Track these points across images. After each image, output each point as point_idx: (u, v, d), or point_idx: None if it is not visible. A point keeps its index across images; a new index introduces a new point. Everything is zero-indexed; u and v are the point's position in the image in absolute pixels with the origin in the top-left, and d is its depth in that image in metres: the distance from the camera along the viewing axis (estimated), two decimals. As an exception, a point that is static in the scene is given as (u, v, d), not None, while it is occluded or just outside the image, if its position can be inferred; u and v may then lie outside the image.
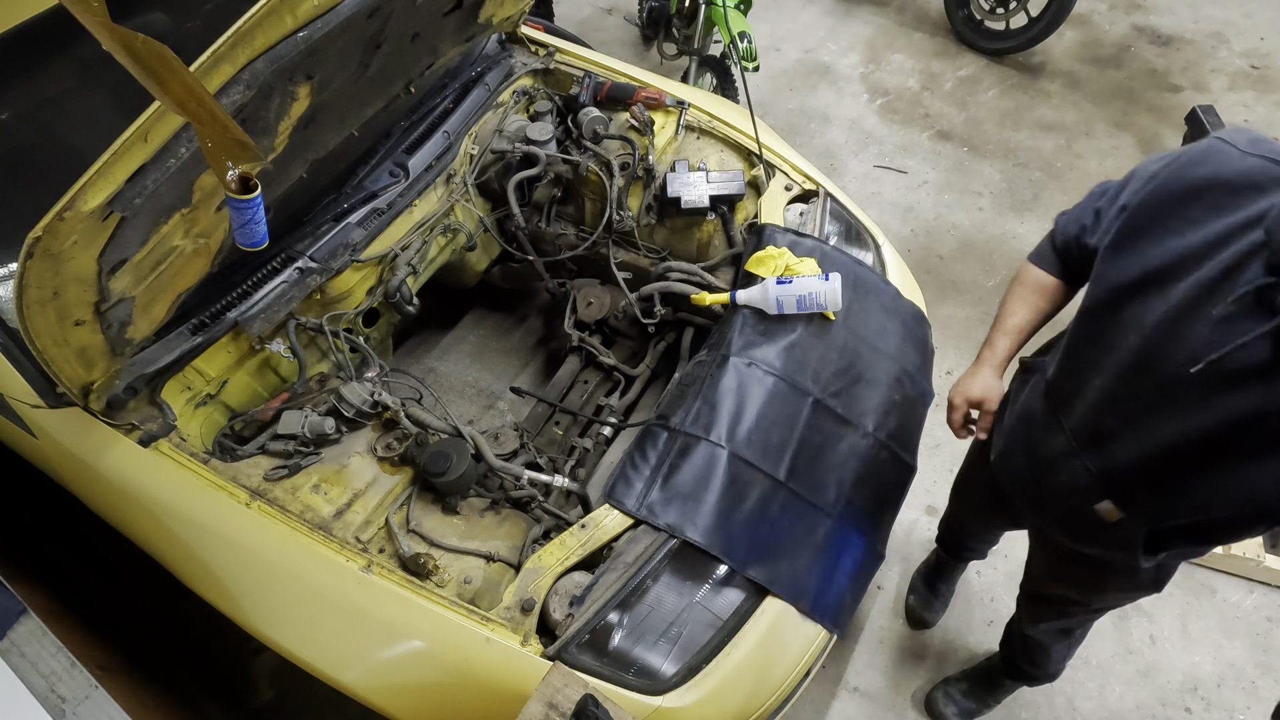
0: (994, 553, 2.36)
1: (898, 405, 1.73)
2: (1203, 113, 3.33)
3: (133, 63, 0.77)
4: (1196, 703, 2.10)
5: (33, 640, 1.38)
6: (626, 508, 1.48)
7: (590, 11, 4.47)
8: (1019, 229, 3.26)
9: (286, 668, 1.46)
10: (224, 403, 1.70)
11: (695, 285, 2.01)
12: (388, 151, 1.98)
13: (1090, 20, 4.24)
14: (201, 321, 1.61)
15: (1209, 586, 2.31)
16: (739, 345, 1.69)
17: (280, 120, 1.37)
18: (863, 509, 1.59)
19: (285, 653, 1.43)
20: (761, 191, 2.06)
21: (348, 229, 1.82)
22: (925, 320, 1.94)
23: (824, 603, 1.46)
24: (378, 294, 1.91)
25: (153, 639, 2.11)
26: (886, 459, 1.67)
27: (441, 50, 1.88)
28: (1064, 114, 3.74)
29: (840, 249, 1.93)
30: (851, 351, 1.75)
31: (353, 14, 1.32)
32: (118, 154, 1.05)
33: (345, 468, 1.56)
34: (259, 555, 1.42)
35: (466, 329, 2.55)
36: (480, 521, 1.59)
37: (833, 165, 3.56)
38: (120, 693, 1.41)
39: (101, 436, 1.48)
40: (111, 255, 1.19)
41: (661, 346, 2.16)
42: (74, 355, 1.29)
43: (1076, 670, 2.15)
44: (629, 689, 1.31)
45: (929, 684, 2.13)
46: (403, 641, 1.37)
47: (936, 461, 2.56)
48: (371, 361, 1.76)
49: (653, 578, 1.41)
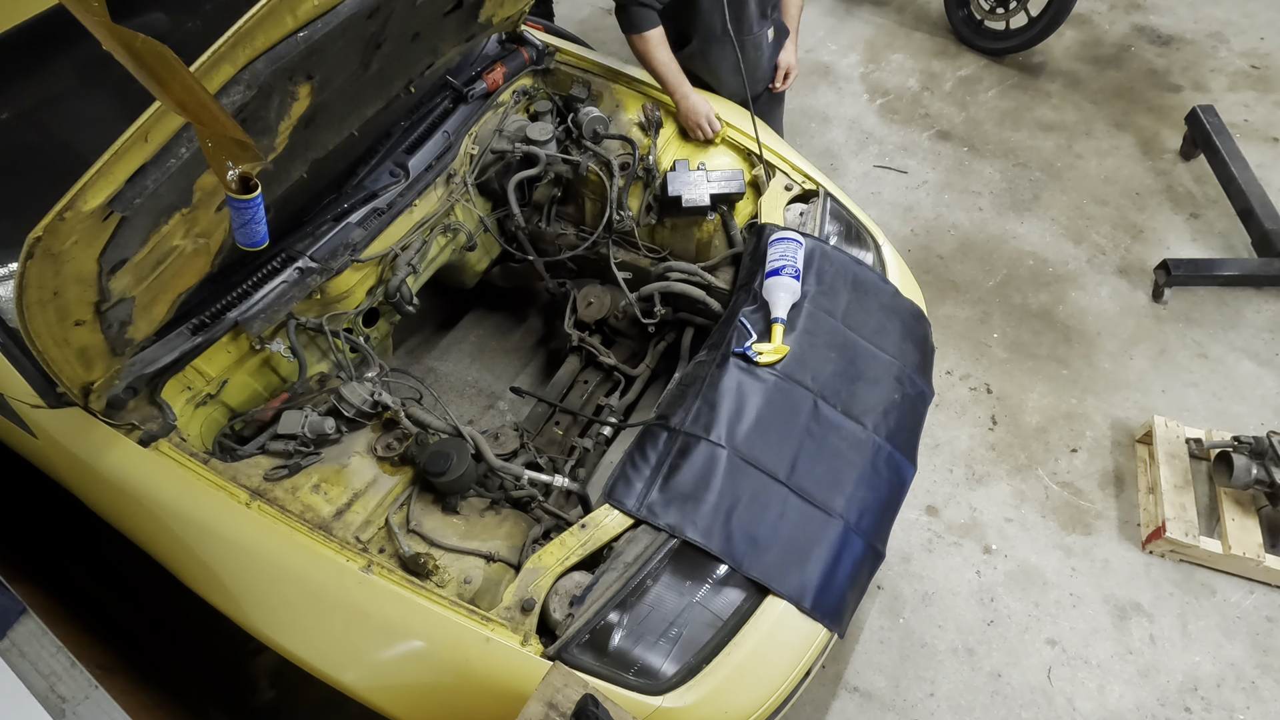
0: (994, 552, 2.37)
1: (897, 404, 1.73)
2: (1203, 113, 3.34)
3: (133, 63, 0.77)
4: (1196, 703, 2.11)
5: (33, 640, 1.38)
6: (626, 508, 1.48)
7: (590, 11, 4.47)
8: (1019, 229, 3.26)
9: (286, 668, 1.46)
10: (224, 403, 1.70)
11: (696, 285, 2.01)
12: (388, 151, 1.98)
13: (1090, 20, 4.24)
14: (201, 321, 1.61)
15: (1209, 586, 2.31)
16: (738, 344, 1.69)
17: (280, 120, 1.37)
18: (863, 508, 1.59)
19: (285, 653, 1.43)
20: (761, 191, 2.06)
21: (348, 229, 1.82)
22: (925, 319, 1.94)
23: (825, 602, 1.46)
24: (378, 294, 1.91)
25: (153, 639, 2.11)
26: (886, 458, 1.67)
27: (441, 50, 1.88)
28: (1064, 114, 3.74)
29: (840, 249, 1.93)
30: (851, 351, 1.75)
31: (353, 14, 1.32)
32: (118, 154, 1.05)
33: (345, 468, 1.56)
34: (259, 555, 1.42)
35: (466, 329, 2.55)
36: (480, 521, 1.59)
37: (833, 165, 3.56)
38: (120, 693, 1.41)
39: (101, 436, 1.48)
40: (111, 255, 1.19)
41: (661, 346, 2.16)
42: (74, 355, 1.29)
43: (1076, 670, 2.15)
44: (629, 689, 1.31)
45: (929, 684, 2.13)
46: (403, 641, 1.37)
47: (936, 461, 2.56)
48: (371, 361, 1.76)
49: (653, 578, 1.41)
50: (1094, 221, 3.28)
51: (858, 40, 4.16)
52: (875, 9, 4.36)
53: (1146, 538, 2.37)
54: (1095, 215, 3.30)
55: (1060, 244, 3.21)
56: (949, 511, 2.46)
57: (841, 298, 1.83)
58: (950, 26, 4.13)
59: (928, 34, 4.20)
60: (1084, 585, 2.31)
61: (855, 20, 4.29)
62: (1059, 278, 3.09)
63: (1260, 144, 3.52)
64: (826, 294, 1.81)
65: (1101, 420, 2.67)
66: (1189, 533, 2.28)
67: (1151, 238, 3.21)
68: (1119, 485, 2.52)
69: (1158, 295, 2.98)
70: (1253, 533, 2.28)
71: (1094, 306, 2.99)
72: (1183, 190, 3.39)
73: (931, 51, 4.09)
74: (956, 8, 4.04)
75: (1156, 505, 2.38)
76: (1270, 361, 2.80)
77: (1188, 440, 2.49)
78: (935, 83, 3.92)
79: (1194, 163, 3.46)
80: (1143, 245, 3.18)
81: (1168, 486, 2.38)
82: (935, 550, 2.38)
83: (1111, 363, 2.82)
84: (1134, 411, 2.68)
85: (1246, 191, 3.06)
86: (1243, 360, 2.81)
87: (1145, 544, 2.37)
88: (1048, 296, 3.03)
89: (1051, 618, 2.25)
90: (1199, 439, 2.49)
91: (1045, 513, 2.46)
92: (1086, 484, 2.53)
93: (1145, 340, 2.88)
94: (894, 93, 3.88)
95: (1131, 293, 3.03)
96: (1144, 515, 2.43)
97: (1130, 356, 2.83)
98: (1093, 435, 2.63)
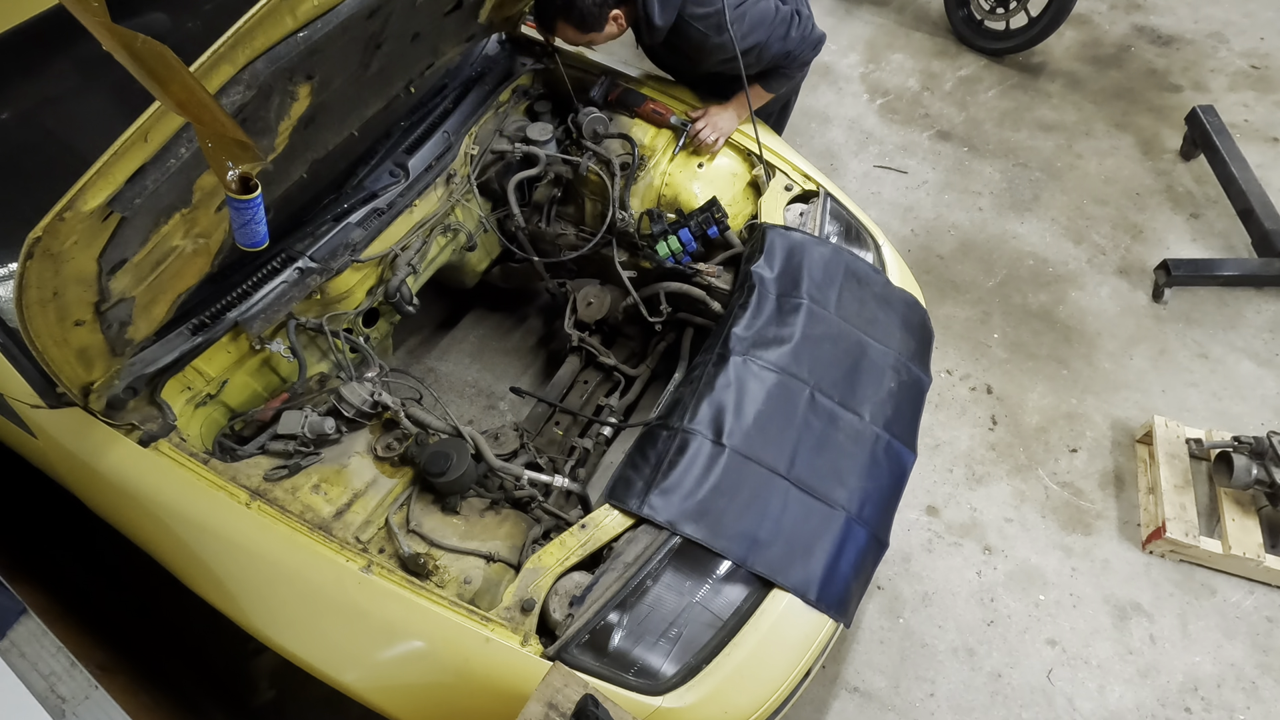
0: (994, 551, 2.37)
1: (894, 393, 1.74)
2: (1203, 113, 3.34)
3: (133, 63, 0.77)
4: (1196, 703, 2.11)
5: (33, 640, 1.38)
6: (626, 506, 1.48)
7: (590, 11, 4.46)
8: (1019, 229, 3.26)
9: (286, 668, 1.46)
10: (224, 403, 1.70)
11: (696, 285, 2.01)
12: (388, 151, 1.98)
13: (1090, 20, 4.24)
14: (201, 321, 1.61)
15: (1209, 586, 2.31)
16: (736, 342, 1.70)
17: (280, 120, 1.37)
18: (864, 498, 1.59)
19: (285, 653, 1.43)
20: (761, 191, 2.06)
21: (348, 229, 1.82)
22: (921, 306, 1.94)
23: (830, 593, 1.46)
24: (378, 294, 1.91)
25: (153, 639, 2.11)
26: (885, 447, 1.67)
27: (441, 50, 1.88)
28: (1064, 114, 3.74)
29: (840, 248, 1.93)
30: (846, 342, 1.75)
31: (353, 14, 1.32)
32: (118, 154, 1.05)
33: (345, 468, 1.56)
34: (259, 555, 1.42)
35: (466, 329, 2.55)
36: (480, 521, 1.59)
37: (833, 165, 3.56)
38: (120, 693, 1.41)
39: (101, 436, 1.48)
40: (111, 255, 1.19)
41: (661, 347, 2.16)
42: (74, 355, 1.29)
43: (1076, 670, 2.15)
44: (629, 689, 1.31)
45: (929, 684, 2.13)
46: (403, 641, 1.37)
47: (936, 461, 2.56)
48: (371, 361, 1.76)
49: (653, 578, 1.41)
50: (1094, 221, 3.28)
51: (858, 40, 4.16)
52: (875, 9, 4.36)
53: (1146, 538, 2.37)
54: (1095, 215, 3.30)
55: (1060, 244, 3.21)
56: (949, 512, 2.46)
57: (835, 290, 1.83)
58: (950, 26, 4.13)
59: (928, 34, 4.20)
60: (1084, 585, 2.31)
61: (855, 20, 4.29)
62: (1059, 278, 3.09)
63: (1260, 144, 3.52)
64: (820, 288, 1.82)
65: (1101, 420, 2.67)
66: (1189, 533, 2.28)
67: (1151, 238, 3.21)
68: (1119, 485, 2.52)
69: (1158, 295, 2.98)
70: (1253, 533, 2.28)
71: (1094, 306, 2.99)
72: (1183, 190, 3.39)
73: (931, 51, 4.09)
74: (956, 8, 4.04)
75: (1156, 505, 2.38)
76: (1270, 361, 2.80)
77: (1188, 440, 2.49)
78: (935, 83, 3.92)
79: (1194, 163, 3.46)
80: (1143, 245, 3.18)
81: (1168, 486, 2.38)
82: (935, 550, 2.38)
83: (1111, 363, 2.82)
84: (1134, 411, 2.68)
85: (1246, 191, 3.06)
86: (1243, 360, 2.81)
87: (1145, 544, 2.37)
88: (1048, 296, 3.03)
89: (1051, 618, 2.25)
90: (1199, 439, 2.49)
91: (1045, 513, 2.46)
92: (1086, 484, 2.53)
93: (1145, 340, 2.88)
94: (894, 93, 3.88)
95: (1131, 293, 3.03)
96: (1144, 515, 2.43)
97: (1130, 356, 2.83)
98: (1093, 435, 2.63)
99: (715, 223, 1.94)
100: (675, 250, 1.97)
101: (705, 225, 1.94)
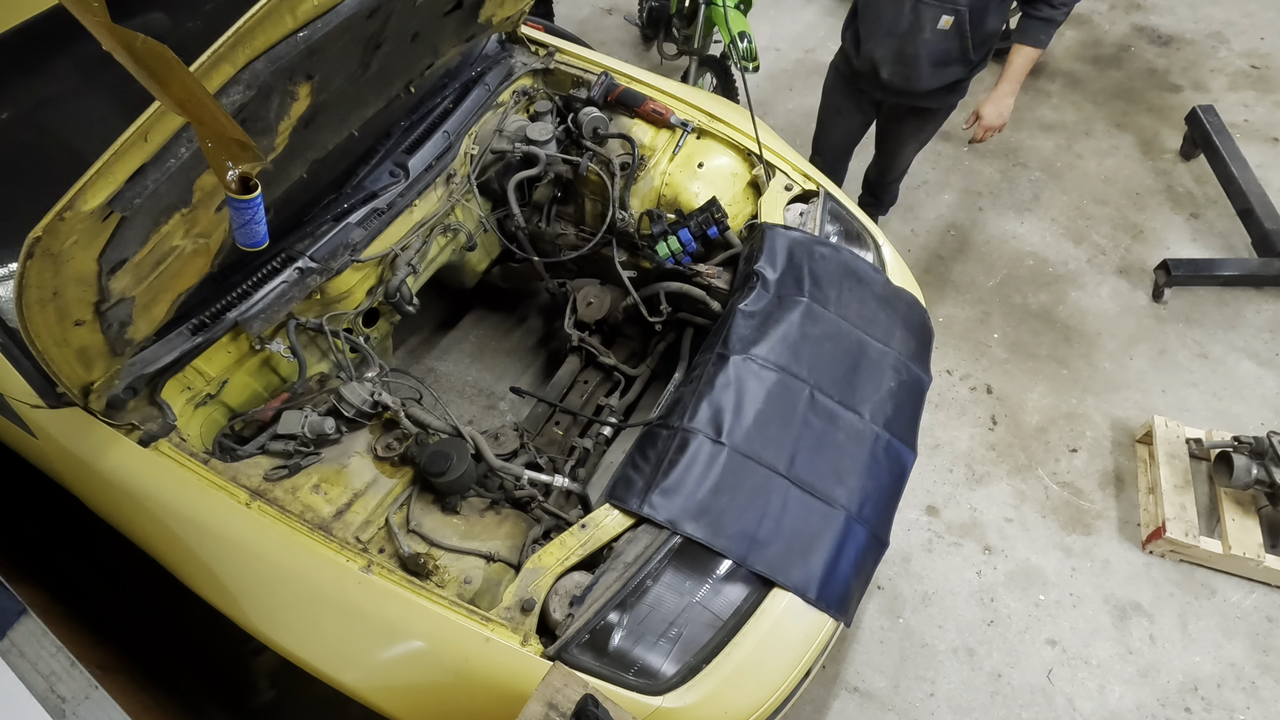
0: (994, 551, 2.37)
1: (894, 392, 1.74)
2: (1203, 112, 3.34)
3: (133, 63, 0.77)
4: (1196, 703, 2.11)
5: (33, 640, 1.38)
6: (627, 506, 1.48)
7: (590, 11, 4.47)
8: (1019, 229, 3.26)
9: (286, 668, 1.46)
10: (224, 403, 1.70)
11: (696, 285, 2.01)
12: (388, 151, 1.98)
13: (1090, 20, 4.24)
14: (201, 321, 1.61)
15: (1209, 586, 2.31)
16: (736, 341, 1.70)
17: (280, 120, 1.37)
18: (864, 497, 1.59)
19: (285, 653, 1.43)
20: (761, 191, 2.06)
21: (348, 229, 1.82)
22: (920, 306, 1.94)
23: (830, 592, 1.46)
24: (378, 294, 1.91)
25: (153, 639, 2.11)
26: (885, 446, 1.67)
27: (441, 50, 1.88)
28: (1064, 114, 3.74)
29: (840, 247, 1.93)
30: (846, 341, 1.75)
31: (353, 14, 1.32)
32: (118, 154, 1.05)
33: (345, 468, 1.56)
34: (259, 555, 1.42)
35: (466, 329, 2.55)
36: (480, 521, 1.59)
37: (833, 165, 3.55)
38: (120, 693, 1.41)
39: (101, 436, 1.48)
40: (111, 255, 1.19)
41: (661, 347, 2.16)
42: (74, 355, 1.29)
43: (1076, 670, 2.15)
44: (629, 689, 1.31)
45: (929, 684, 2.13)
46: (403, 641, 1.37)
47: (937, 461, 2.56)
48: (371, 361, 1.76)
49: (653, 578, 1.41)
50: (1094, 221, 3.28)
51: (858, 40, 4.16)
52: (875, 9, 4.35)
53: (1146, 538, 2.37)
54: (1095, 215, 3.30)
55: (1060, 244, 3.21)
56: (949, 512, 2.46)
57: (835, 289, 1.83)
58: (950, 26, 4.12)
59: (928, 34, 4.19)
60: (1084, 585, 2.31)
61: (855, 20, 4.29)
62: (1059, 278, 3.09)
63: (1260, 144, 3.52)
64: (820, 287, 1.82)
65: (1101, 420, 2.67)
66: (1189, 533, 2.28)
67: (1151, 238, 3.21)
68: (1119, 485, 2.52)
69: (1158, 295, 2.98)
70: (1253, 533, 2.28)
71: (1094, 306, 2.99)
72: (1183, 190, 3.39)
73: (931, 51, 4.09)
74: (956, 8, 4.03)
75: (1156, 505, 2.38)
76: (1270, 361, 2.80)
77: (1188, 440, 2.49)
78: (935, 83, 3.92)
79: (1194, 163, 3.47)
80: (1143, 245, 3.18)
81: (1168, 486, 2.38)
82: (935, 550, 2.38)
83: (1111, 363, 2.82)
84: (1134, 411, 2.68)
85: (1246, 191, 3.06)
86: (1243, 360, 2.81)
87: (1145, 544, 2.37)
88: (1048, 296, 3.03)
89: (1051, 618, 2.25)
90: (1199, 439, 2.49)
91: (1045, 513, 2.46)
92: (1086, 484, 2.53)
93: (1145, 340, 2.88)
94: (894, 93, 3.88)
95: (1131, 293, 3.03)
96: (1144, 515, 2.43)
97: (1130, 356, 2.83)
98: (1093, 435, 2.64)
99: (715, 223, 1.94)
100: (675, 250, 1.97)
101: (705, 225, 1.94)
